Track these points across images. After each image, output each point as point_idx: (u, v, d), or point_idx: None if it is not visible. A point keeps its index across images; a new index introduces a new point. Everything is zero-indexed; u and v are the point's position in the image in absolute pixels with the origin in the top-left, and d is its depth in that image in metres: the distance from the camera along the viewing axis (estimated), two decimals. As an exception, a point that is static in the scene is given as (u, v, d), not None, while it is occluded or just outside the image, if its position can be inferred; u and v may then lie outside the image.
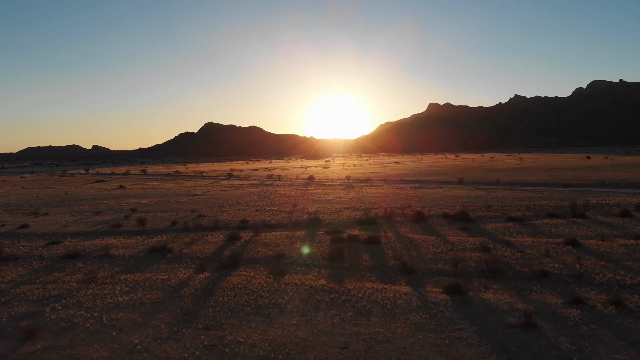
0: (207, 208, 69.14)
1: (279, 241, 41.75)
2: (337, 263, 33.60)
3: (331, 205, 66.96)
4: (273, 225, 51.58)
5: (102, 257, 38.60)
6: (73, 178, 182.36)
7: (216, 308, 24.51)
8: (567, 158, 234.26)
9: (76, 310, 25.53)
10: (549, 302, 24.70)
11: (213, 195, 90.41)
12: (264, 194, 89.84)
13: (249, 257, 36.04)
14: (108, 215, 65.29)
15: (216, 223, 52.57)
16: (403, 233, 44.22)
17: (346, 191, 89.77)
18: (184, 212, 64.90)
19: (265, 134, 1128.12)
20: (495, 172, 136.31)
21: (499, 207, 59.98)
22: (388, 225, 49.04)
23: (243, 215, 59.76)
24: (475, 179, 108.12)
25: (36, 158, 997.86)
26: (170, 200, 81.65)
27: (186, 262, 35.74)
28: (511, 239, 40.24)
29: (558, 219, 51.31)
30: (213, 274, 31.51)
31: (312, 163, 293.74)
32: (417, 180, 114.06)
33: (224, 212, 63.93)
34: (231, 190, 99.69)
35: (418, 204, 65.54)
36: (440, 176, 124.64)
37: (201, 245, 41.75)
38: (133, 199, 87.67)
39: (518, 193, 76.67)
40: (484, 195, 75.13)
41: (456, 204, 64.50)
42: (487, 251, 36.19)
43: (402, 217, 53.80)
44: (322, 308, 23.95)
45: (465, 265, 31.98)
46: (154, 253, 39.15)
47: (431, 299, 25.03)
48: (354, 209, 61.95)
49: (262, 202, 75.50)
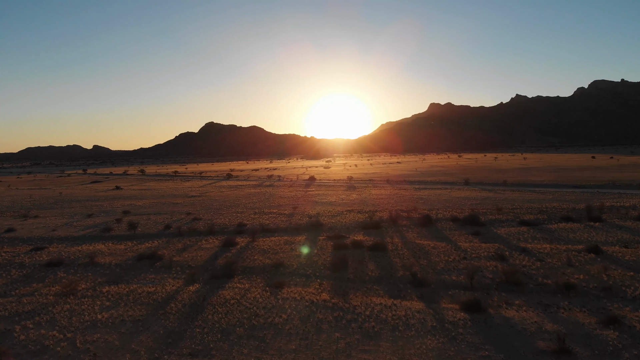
0: (203, 210, 66.30)
1: (278, 248, 38.87)
2: (340, 273, 30.72)
3: (333, 208, 64.09)
4: (272, 229, 48.71)
5: (87, 266, 35.76)
6: (70, 178, 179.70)
7: (204, 329, 21.63)
8: (571, 158, 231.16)
9: (49, 329, 22.69)
10: (580, 322, 21.81)
11: (210, 196, 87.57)
12: (263, 195, 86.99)
13: (244, 266, 33.16)
14: (100, 218, 62.47)
15: (211, 227, 49.71)
16: (410, 238, 41.32)
17: (348, 192, 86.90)
18: (179, 215, 62.06)
19: (266, 134, 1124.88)
20: (500, 172, 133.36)
21: (509, 209, 57.07)
22: (394, 230, 46.15)
23: (240, 218, 56.91)
24: (480, 180, 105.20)
25: (36, 158, 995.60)
26: (166, 202, 78.83)
27: (176, 272, 32.89)
28: (528, 246, 37.35)
29: (574, 222, 48.38)
30: (204, 286, 28.65)
31: (313, 163, 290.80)
32: (420, 180, 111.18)
33: (220, 215, 61.07)
34: (229, 192, 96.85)
35: (424, 206, 62.65)
36: (444, 177, 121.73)
37: (194, 252, 38.89)
38: (128, 200, 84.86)
39: (527, 195, 73.75)
40: (492, 196, 72.21)
41: (464, 206, 61.60)
42: (503, 260, 33.31)
43: (408, 221, 50.91)
44: (325, 329, 21.05)
45: (482, 277, 29.10)
46: (143, 261, 36.29)
47: (448, 317, 22.13)
48: (357, 212, 59.08)
49: (260, 204, 72.65)
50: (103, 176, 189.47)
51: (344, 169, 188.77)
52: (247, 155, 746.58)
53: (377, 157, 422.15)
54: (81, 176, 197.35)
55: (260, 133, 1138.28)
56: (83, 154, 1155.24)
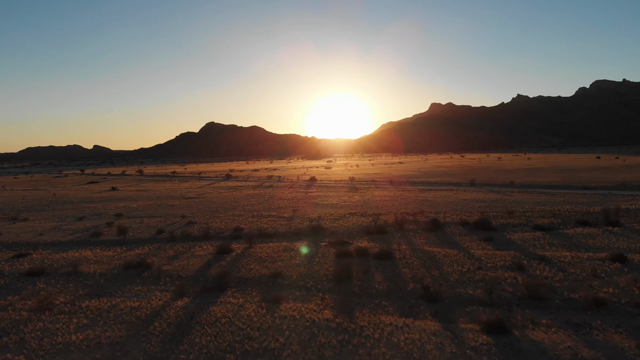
0: (199, 213, 63.56)
1: (276, 255, 36.11)
2: (344, 285, 27.96)
3: (335, 210, 61.32)
4: (270, 234, 45.96)
5: (69, 275, 33.04)
6: (67, 179, 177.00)
7: (190, 355, 18.88)
8: (576, 158, 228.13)
9: (15, 353, 19.99)
10: (619, 346, 19.06)
11: (208, 198, 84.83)
12: (263, 197, 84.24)
13: (239, 277, 30.42)
14: (91, 222, 59.74)
15: (207, 231, 46.98)
16: (419, 245, 38.54)
17: (350, 194, 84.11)
18: (174, 218, 59.33)
19: (266, 134, 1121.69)
20: (505, 173, 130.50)
21: (520, 212, 54.26)
22: (400, 235, 43.37)
23: (237, 222, 54.15)
24: (486, 181, 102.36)
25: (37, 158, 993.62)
26: (161, 204, 76.10)
27: (164, 283, 30.15)
28: (546, 254, 34.54)
29: (591, 227, 45.56)
30: (194, 301, 25.91)
31: (314, 163, 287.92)
32: (424, 181, 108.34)
33: (217, 218, 58.33)
34: (228, 193, 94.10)
35: (430, 209, 59.86)
36: (449, 177, 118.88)
37: (185, 259, 36.13)
38: (122, 202, 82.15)
39: (537, 196, 70.92)
40: (501, 199, 69.40)
41: (473, 209, 58.80)
42: (522, 270, 30.53)
43: (415, 225, 48.12)
44: (328, 357, 18.29)
45: (501, 290, 26.33)
46: (130, 270, 33.55)
47: (469, 342, 19.36)
48: (361, 215, 56.31)
49: (259, 206, 69.90)
50: (100, 177, 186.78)
51: (345, 170, 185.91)
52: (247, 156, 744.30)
53: (378, 157, 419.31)
54: (78, 176, 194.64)
55: (260, 133, 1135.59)
56: (83, 154, 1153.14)
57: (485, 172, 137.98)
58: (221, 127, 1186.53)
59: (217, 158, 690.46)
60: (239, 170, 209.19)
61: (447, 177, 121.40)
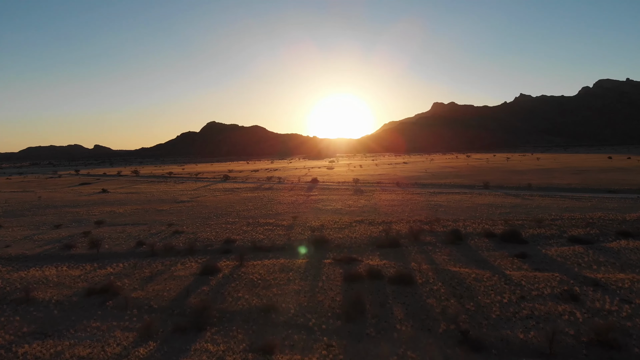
0: (189, 220, 57.53)
1: (271, 277, 30.06)
2: (356, 325, 21.91)
3: (339, 217, 55.22)
4: (265, 247, 39.93)
5: (19, 304, 27.10)
6: (60, 180, 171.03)
7: None
8: (586, 158, 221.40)
9: None
10: None
11: (201, 202, 78.77)
12: (261, 200, 78.17)
13: (223, 310, 24.39)
14: (67, 230, 53.76)
15: (193, 244, 41.02)
16: (442, 264, 32.44)
17: (355, 197, 77.98)
18: (160, 226, 53.31)
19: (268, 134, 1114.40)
20: (518, 174, 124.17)
21: (549, 221, 48.10)
22: (417, 249, 37.29)
23: (230, 231, 48.10)
24: (500, 183, 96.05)
25: (37, 158, 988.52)
26: (150, 209, 70.08)
27: (130, 317, 24.15)
28: (598, 276, 28.45)
29: (635, 239, 39.44)
30: (161, 347, 19.92)
31: (316, 163, 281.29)
32: (433, 183, 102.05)
33: (207, 226, 52.27)
34: (224, 196, 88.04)
35: (446, 215, 53.74)
36: (458, 179, 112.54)
37: (162, 282, 30.09)
38: (109, 206, 76.19)
39: (560, 201, 64.73)
40: (521, 203, 63.21)
41: (493, 216, 52.65)
42: (576, 300, 24.45)
43: (432, 236, 42.03)
44: None
45: (559, 332, 20.23)
46: (92, 298, 27.57)
47: None
48: (369, 223, 50.20)
49: (256, 211, 63.83)
50: (95, 177, 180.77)
51: (348, 170, 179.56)
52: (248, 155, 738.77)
53: (381, 157, 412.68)
54: (72, 177, 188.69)
55: (262, 133, 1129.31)
56: (84, 153, 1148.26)
57: (496, 173, 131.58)
58: (222, 126, 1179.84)
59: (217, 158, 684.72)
60: (238, 171, 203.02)
61: (457, 178, 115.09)
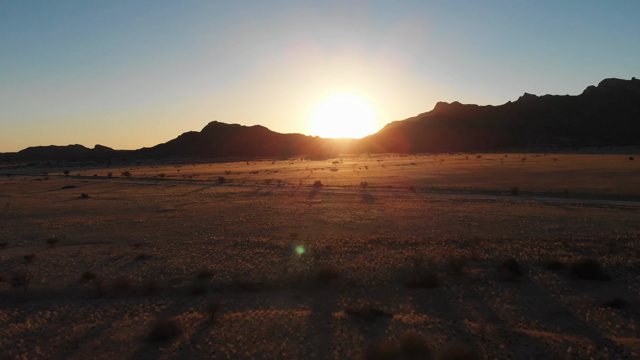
0: (163, 238, 46.55)
1: (253, 351, 19.01)
2: None
3: (350, 235, 44.18)
4: (252, 285, 28.98)
5: None
6: (44, 183, 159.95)
7: None
8: (605, 159, 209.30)
9: None
10: None
11: (186, 211, 67.82)
12: (255, 209, 67.20)
13: None
14: (10, 252, 42.79)
15: (155, 279, 30.11)
16: (509, 320, 21.30)
17: (366, 206, 66.93)
18: (124, 247, 42.34)
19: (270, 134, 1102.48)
20: (541, 177, 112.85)
21: (619, 242, 36.92)
22: (464, 291, 26.28)
23: (209, 257, 37.09)
24: (527, 188, 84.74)
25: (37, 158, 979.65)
26: (124, 221, 59.16)
27: None
28: None
29: None
30: None
31: (319, 164, 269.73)
32: (451, 188, 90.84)
33: (183, 247, 41.27)
34: (214, 203, 77.07)
35: (484, 233, 42.65)
36: (477, 182, 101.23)
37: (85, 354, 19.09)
38: (79, 216, 65.37)
39: (614, 213, 53.54)
40: (567, 216, 52.04)
41: (543, 234, 41.49)
42: None
43: (476, 266, 31.00)
44: None
45: None
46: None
47: None
48: (388, 244, 39.15)
49: (248, 225, 52.84)
50: (82, 180, 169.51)
51: (353, 172, 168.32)
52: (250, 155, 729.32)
53: (387, 158, 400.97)
54: (60, 179, 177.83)
55: (264, 132, 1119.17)
56: (84, 153, 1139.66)
57: (517, 175, 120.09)
58: (224, 126, 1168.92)
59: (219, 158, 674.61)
60: (235, 173, 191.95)
61: (476, 182, 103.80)
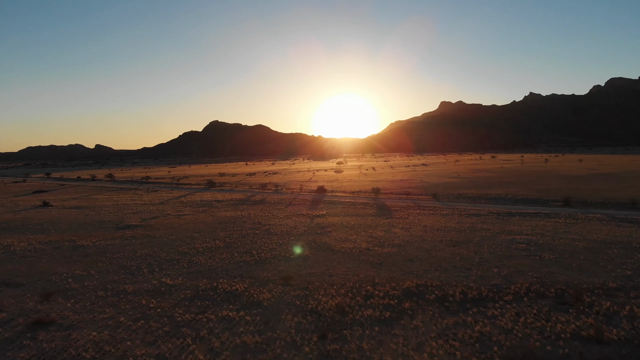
0: (95, 281, 31.45)
1: None
2: None
3: (372, 277, 29.02)
4: None
5: None
6: (17, 186, 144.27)
7: None
8: (631, 160, 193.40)
9: None
10: None
11: (153, 228, 52.71)
12: (241, 226, 52.14)
13: None
14: None
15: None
16: None
17: (385, 222, 51.80)
18: (27, 300, 27.36)
19: (272, 133, 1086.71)
20: (579, 181, 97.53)
21: None
22: None
23: (142, 330, 21.95)
24: (574, 195, 69.35)
25: (37, 157, 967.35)
26: (64, 246, 44.03)
27: None
28: None
29: None
30: None
31: (322, 165, 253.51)
32: (481, 195, 75.53)
33: (112, 304, 26.19)
34: (191, 216, 62.00)
35: (569, 273, 27.47)
36: (509, 188, 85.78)
37: None
38: (16, 235, 50.48)
39: None
40: (678, 242, 36.84)
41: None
42: None
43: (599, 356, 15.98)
44: None
45: None
46: None
47: None
48: (437, 301, 23.98)
49: (225, 254, 37.67)
50: (59, 183, 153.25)
51: (360, 174, 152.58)
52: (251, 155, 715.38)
53: (393, 158, 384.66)
54: (38, 182, 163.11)
55: (266, 132, 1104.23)
56: (85, 153, 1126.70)
57: (550, 179, 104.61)
58: (225, 126, 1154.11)
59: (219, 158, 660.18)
60: (231, 174, 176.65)
61: (506, 187, 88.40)
